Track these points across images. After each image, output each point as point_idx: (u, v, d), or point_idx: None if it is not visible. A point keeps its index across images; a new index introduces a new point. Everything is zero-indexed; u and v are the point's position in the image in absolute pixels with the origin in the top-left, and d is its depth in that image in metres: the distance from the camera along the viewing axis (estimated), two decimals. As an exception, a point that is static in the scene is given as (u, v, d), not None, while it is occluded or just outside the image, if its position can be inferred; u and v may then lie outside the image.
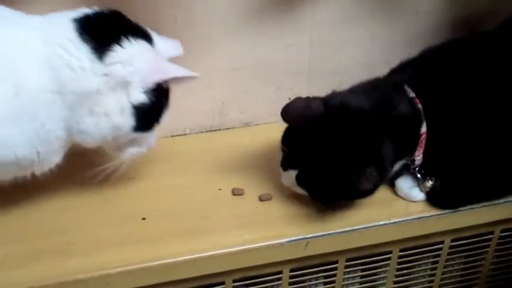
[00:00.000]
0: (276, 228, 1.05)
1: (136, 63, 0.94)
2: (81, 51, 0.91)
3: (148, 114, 0.97)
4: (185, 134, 1.32)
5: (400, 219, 1.08)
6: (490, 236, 1.18)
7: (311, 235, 1.04)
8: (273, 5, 1.24)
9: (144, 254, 1.01)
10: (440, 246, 1.16)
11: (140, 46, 0.95)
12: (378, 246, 1.11)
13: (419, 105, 1.03)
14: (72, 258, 1.00)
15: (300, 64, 1.31)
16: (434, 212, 1.09)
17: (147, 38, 0.99)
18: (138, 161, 1.21)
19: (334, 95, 1.05)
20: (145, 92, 0.95)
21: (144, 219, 1.08)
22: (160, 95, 0.97)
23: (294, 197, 1.09)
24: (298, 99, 1.02)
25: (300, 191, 1.06)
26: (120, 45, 0.93)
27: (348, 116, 1.01)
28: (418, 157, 1.06)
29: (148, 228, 1.06)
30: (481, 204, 1.10)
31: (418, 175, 1.09)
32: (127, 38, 0.94)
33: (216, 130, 1.33)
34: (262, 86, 1.31)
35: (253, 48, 1.27)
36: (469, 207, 1.10)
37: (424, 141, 1.04)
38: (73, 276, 0.97)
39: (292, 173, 1.04)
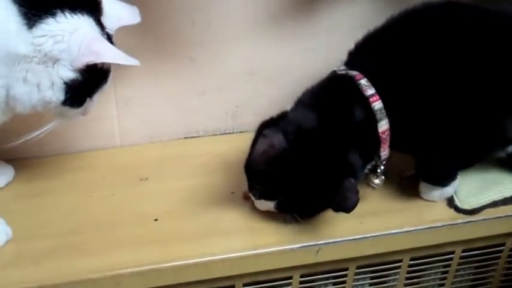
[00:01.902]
0: (288, 234, 1.05)
1: (67, 41, 0.88)
2: (9, 11, 0.86)
3: (79, 91, 0.93)
4: (198, 136, 1.32)
5: (412, 228, 1.07)
6: (501, 247, 1.17)
7: (322, 241, 1.04)
8: (290, 9, 1.24)
9: (156, 255, 1.01)
10: (451, 256, 1.15)
11: (78, 22, 0.90)
12: (388, 254, 1.11)
13: (376, 104, 1.01)
14: (84, 257, 1.01)
15: (316, 69, 1.30)
16: (446, 221, 1.09)
17: (93, 10, 0.93)
18: (152, 162, 1.22)
19: (288, 120, 1.03)
20: (75, 70, 0.90)
21: (156, 220, 1.08)
22: (94, 73, 0.93)
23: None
24: (257, 144, 1.00)
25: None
26: (54, 19, 0.88)
27: (310, 141, 1.00)
28: (384, 152, 1.05)
29: (160, 229, 1.07)
30: (493, 216, 1.10)
31: (379, 169, 1.08)
32: (64, 11, 0.88)
33: (230, 133, 1.33)
34: (276, 90, 1.31)
35: (269, 52, 1.28)
36: (482, 217, 1.10)
37: (388, 137, 1.03)
38: (85, 275, 0.98)
39: (269, 203, 1.04)
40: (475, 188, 1.15)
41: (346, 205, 0.99)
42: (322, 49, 1.29)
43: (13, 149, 1.03)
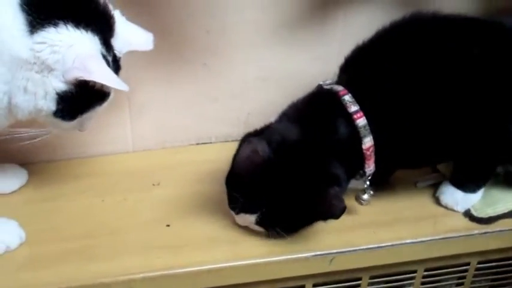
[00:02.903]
0: (301, 242, 1.04)
1: (63, 53, 0.88)
2: (16, 19, 0.87)
3: (70, 105, 0.93)
4: (211, 143, 1.32)
5: (427, 238, 1.07)
6: (518, 259, 1.17)
7: (336, 250, 1.04)
8: (303, 17, 1.24)
9: (168, 261, 1.01)
10: (467, 267, 1.14)
11: (79, 37, 0.90)
12: (402, 264, 1.09)
13: (360, 121, 1.01)
14: (97, 261, 1.00)
15: (328, 76, 1.30)
16: (461, 232, 1.08)
17: (102, 29, 0.93)
18: (164, 167, 1.22)
19: (272, 131, 1.02)
20: (68, 83, 0.90)
21: (168, 226, 1.08)
22: (87, 91, 0.92)
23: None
24: (241, 149, 1.00)
25: (257, 228, 1.04)
26: (56, 29, 0.88)
27: (293, 154, 0.99)
28: (369, 168, 1.04)
29: (172, 235, 1.06)
30: (510, 227, 1.09)
31: (366, 185, 1.08)
32: (67, 23, 0.88)
33: (243, 140, 1.33)
34: (288, 97, 1.29)
35: (281, 59, 1.27)
36: (498, 228, 1.09)
37: (372, 154, 1.02)
38: (97, 279, 0.97)
39: (250, 217, 1.02)
40: (490, 197, 1.14)
41: (333, 212, 0.98)
42: (334, 57, 1.28)
43: (26, 153, 1.03)
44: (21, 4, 0.87)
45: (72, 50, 0.89)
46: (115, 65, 0.96)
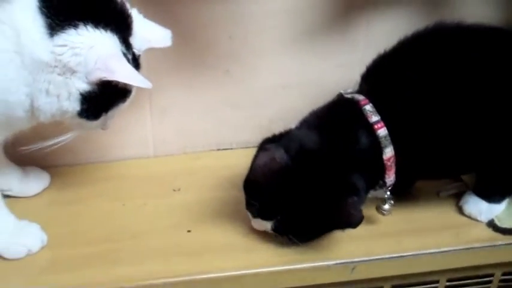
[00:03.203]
0: (323, 250, 1.04)
1: (85, 55, 0.88)
2: (36, 22, 0.87)
3: (95, 104, 0.93)
4: (231, 148, 1.32)
5: (449, 249, 1.05)
6: (544, 271, 1.15)
7: (358, 259, 1.03)
8: (326, 25, 1.24)
9: (189, 266, 1.01)
10: (490, 278, 1.13)
11: (99, 37, 0.90)
12: (425, 274, 1.09)
13: (381, 131, 1.00)
14: (117, 266, 1.00)
15: (350, 84, 1.30)
16: (485, 242, 1.07)
17: (121, 28, 0.93)
18: (184, 173, 1.22)
19: (291, 138, 1.02)
20: (91, 84, 0.90)
21: (189, 231, 1.08)
22: (110, 90, 0.92)
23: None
24: (259, 157, 1.00)
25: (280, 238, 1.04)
26: (76, 31, 0.88)
27: (311, 161, 0.98)
28: (389, 179, 1.03)
29: (193, 240, 1.06)
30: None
31: (386, 194, 1.07)
32: (87, 24, 0.89)
33: (263, 147, 1.33)
34: (309, 104, 1.29)
35: (303, 66, 1.27)
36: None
37: (393, 164, 1.01)
38: (118, 284, 0.97)
39: (266, 223, 1.02)
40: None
41: (351, 222, 0.97)
42: (357, 65, 1.27)
43: (48, 156, 1.04)
44: (40, 7, 0.87)
45: (94, 51, 0.89)
46: (135, 63, 0.96)
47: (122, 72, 0.90)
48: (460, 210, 1.12)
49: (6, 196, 1.03)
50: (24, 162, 1.15)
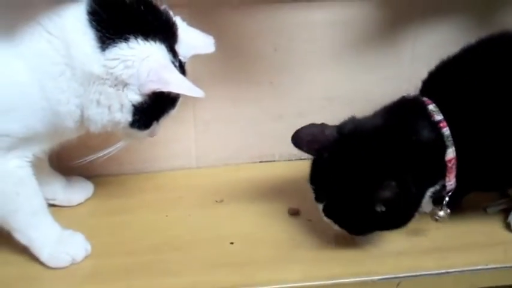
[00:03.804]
0: (368, 264, 1.02)
1: (137, 67, 0.89)
2: (86, 35, 0.88)
3: (147, 114, 0.94)
4: (274, 161, 1.32)
5: (498, 266, 1.03)
6: None
7: (404, 274, 1.01)
8: (372, 37, 1.23)
9: (232, 278, 1.00)
10: (539, 297, 1.10)
11: (149, 49, 0.91)
12: (471, 292, 1.07)
13: (445, 130, 0.98)
14: (160, 277, 1.00)
15: (395, 97, 1.29)
16: (535, 260, 1.04)
17: (167, 37, 0.94)
18: (227, 184, 1.22)
19: (349, 120, 1.03)
20: (143, 95, 0.91)
21: (232, 243, 1.07)
22: (162, 99, 0.93)
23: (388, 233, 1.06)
24: (311, 125, 1.02)
25: (336, 227, 1.03)
26: (127, 44, 0.89)
27: (362, 140, 0.98)
28: (450, 182, 1.01)
29: (236, 253, 1.06)
30: None
31: (445, 200, 1.04)
32: (137, 37, 0.90)
33: (305, 159, 1.31)
34: (354, 117, 1.30)
35: (349, 78, 1.27)
36: None
37: (454, 167, 0.99)
38: (160, 295, 0.98)
39: (319, 206, 1.02)
40: None
41: (376, 195, 0.95)
42: (403, 78, 1.27)
43: (93, 166, 1.04)
44: (90, 20, 0.89)
45: (146, 63, 0.90)
46: (181, 70, 0.96)
47: (176, 83, 0.91)
48: (508, 227, 1.10)
49: (50, 205, 1.04)
50: (69, 171, 1.16)
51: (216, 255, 1.05)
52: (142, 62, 0.90)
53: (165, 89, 0.90)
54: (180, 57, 0.96)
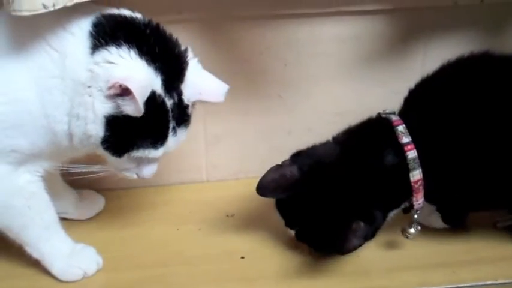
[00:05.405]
0: (378, 278, 1.03)
1: (111, 71, 0.86)
2: (83, 43, 0.88)
3: (118, 134, 0.89)
4: (284, 175, 1.32)
5: (507, 281, 1.02)
6: None
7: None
8: (382, 51, 1.24)
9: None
10: (549, 312, 1.10)
11: (139, 67, 0.88)
12: (482, 306, 1.06)
13: (410, 153, 0.98)
14: (171, 291, 1.01)
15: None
16: (546, 276, 1.04)
17: (167, 71, 0.90)
18: (237, 199, 1.22)
19: (311, 152, 1.03)
20: (112, 106, 0.87)
21: (243, 258, 1.08)
22: (135, 122, 0.88)
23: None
24: (269, 172, 1.02)
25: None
26: (118, 50, 0.87)
27: (323, 178, 0.99)
28: (417, 202, 1.01)
29: (247, 267, 1.06)
30: None
31: (413, 218, 1.04)
32: (132, 49, 0.87)
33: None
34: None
35: (358, 93, 1.27)
36: None
37: (421, 187, 0.99)
38: (170, 309, 0.98)
39: (291, 232, 1.05)
40: None
41: (343, 246, 0.96)
42: (413, 92, 1.27)
43: (104, 180, 1.05)
44: (92, 31, 0.89)
45: (120, 70, 0.87)
46: (179, 109, 0.93)
47: (134, 85, 0.85)
48: (518, 242, 1.10)
49: (62, 219, 1.04)
50: (79, 185, 1.16)
51: (226, 270, 1.05)
52: (119, 68, 0.87)
53: (124, 83, 0.84)
54: (182, 97, 0.93)
